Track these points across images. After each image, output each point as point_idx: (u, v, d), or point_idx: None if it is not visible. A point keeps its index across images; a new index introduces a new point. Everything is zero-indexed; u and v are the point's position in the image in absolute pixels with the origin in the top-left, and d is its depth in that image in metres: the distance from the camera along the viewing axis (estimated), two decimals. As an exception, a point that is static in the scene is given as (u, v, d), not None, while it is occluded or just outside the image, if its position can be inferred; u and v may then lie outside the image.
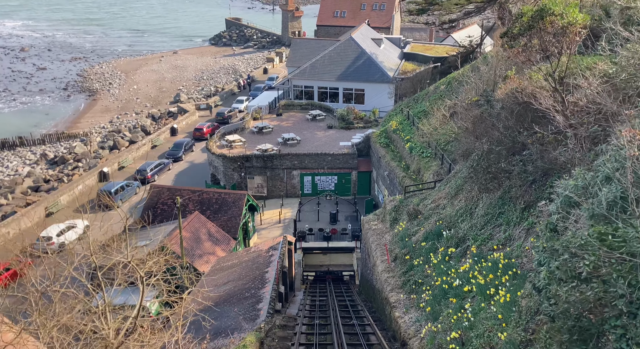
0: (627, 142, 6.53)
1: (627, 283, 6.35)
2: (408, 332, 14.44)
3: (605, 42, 12.30)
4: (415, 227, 20.69)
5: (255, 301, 19.87)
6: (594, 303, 6.54)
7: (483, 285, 12.83)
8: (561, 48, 11.30)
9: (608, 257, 6.68)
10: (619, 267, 6.56)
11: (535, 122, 13.53)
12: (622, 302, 6.27)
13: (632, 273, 6.37)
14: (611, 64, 11.47)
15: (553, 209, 8.99)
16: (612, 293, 6.39)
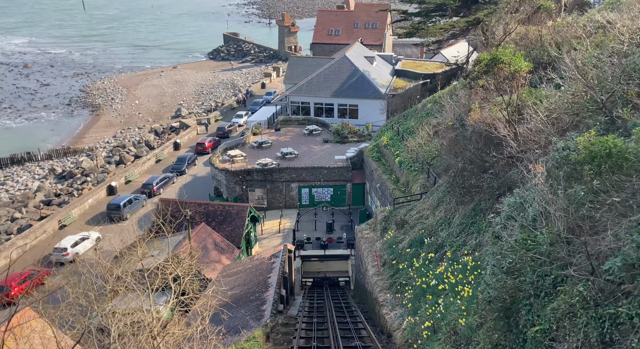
0: (534, 174, 9.10)
1: (535, 274, 8.88)
2: (393, 325, 16.90)
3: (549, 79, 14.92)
4: (402, 235, 23.19)
5: (259, 303, 22.29)
6: (512, 289, 9.06)
7: (454, 284, 15.33)
8: (511, 88, 13.93)
9: (525, 256, 9.22)
10: (532, 263, 9.10)
11: (497, 146, 16.15)
12: (530, 287, 8.80)
13: (539, 268, 8.90)
14: (553, 98, 14.08)
15: (498, 221, 11.54)
16: (524, 281, 8.92)
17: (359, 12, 69.10)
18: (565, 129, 13.44)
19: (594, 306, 7.16)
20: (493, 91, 14.24)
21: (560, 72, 15.96)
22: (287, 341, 17.07)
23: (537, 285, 8.78)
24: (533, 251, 9.14)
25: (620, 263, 6.86)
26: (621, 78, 10.30)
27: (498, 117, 14.45)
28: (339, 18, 69.60)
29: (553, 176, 9.64)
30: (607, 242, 7.40)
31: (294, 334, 18.01)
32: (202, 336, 12.70)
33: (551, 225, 9.01)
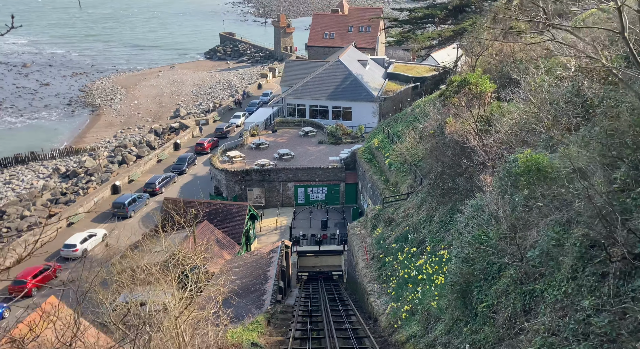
0: (486, 183, 11.42)
1: (485, 262, 11.22)
2: (379, 311, 19.25)
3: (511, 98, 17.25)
4: (389, 232, 25.55)
5: (260, 293, 24.62)
6: (468, 274, 11.39)
7: (430, 274, 17.70)
8: (479, 105, 16.24)
9: (478, 248, 11.56)
10: (483, 254, 11.44)
11: (469, 154, 18.48)
12: (481, 273, 11.14)
13: (488, 257, 11.23)
14: (514, 114, 16.39)
15: (462, 220, 13.88)
16: (476, 268, 11.25)
17: (352, 16, 71.29)
18: (525, 142, 15.79)
19: (520, 284, 9.50)
20: (464, 107, 16.53)
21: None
22: (285, 326, 19.36)
23: (485, 271, 11.13)
24: (484, 245, 11.50)
25: (537, 252, 9.20)
26: (560, 102, 12.62)
27: (468, 130, 16.76)
28: (333, 22, 71.76)
29: (501, 184, 12.01)
30: (532, 237, 9.74)
31: (291, 319, 20.31)
32: (215, 317, 15.01)
33: (498, 224, 11.36)
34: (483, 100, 15.65)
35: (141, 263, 14.26)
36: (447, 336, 11.89)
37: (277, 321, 19.83)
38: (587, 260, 7.88)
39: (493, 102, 16.41)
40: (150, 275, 13.66)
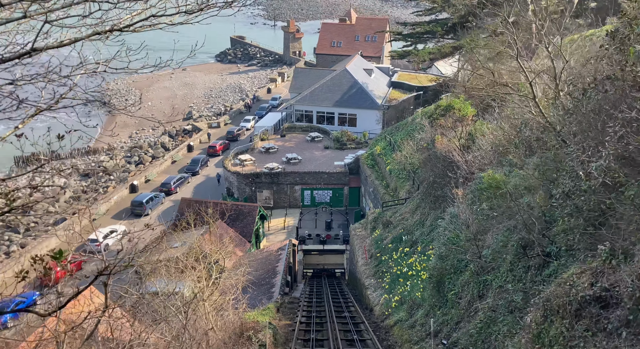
0: (457, 195, 14.24)
1: (455, 259, 14.04)
2: (374, 302, 22.07)
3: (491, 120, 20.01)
4: (387, 233, 28.36)
5: (269, 286, 27.53)
6: (442, 269, 14.21)
7: (419, 270, 20.48)
8: (462, 126, 19.04)
9: (451, 248, 14.37)
10: (454, 252, 14.25)
11: (454, 167, 21.25)
12: (451, 268, 13.95)
13: (458, 255, 14.03)
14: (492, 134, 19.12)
15: (442, 224, 16.71)
16: (448, 264, 14.07)
17: (359, 26, 74.11)
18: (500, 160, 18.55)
19: (477, 276, 12.31)
20: (449, 127, 19.32)
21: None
22: (292, 313, 22.23)
23: (455, 266, 13.94)
24: (455, 245, 14.32)
25: (490, 251, 12.01)
26: (522, 129, 15.39)
27: (453, 147, 19.55)
28: (341, 31, 74.62)
29: (472, 197, 14.85)
30: (488, 239, 12.55)
31: (297, 308, 23.18)
32: (234, 303, 17.91)
33: (467, 229, 14.17)
34: (465, 122, 18.39)
35: (168, 255, 17.16)
36: (425, 319, 14.70)
37: (285, 310, 22.71)
38: (520, 257, 10.68)
39: (474, 124, 19.15)
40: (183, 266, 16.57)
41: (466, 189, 15.81)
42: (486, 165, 18.08)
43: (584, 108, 8.07)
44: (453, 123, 19.06)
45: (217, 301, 16.81)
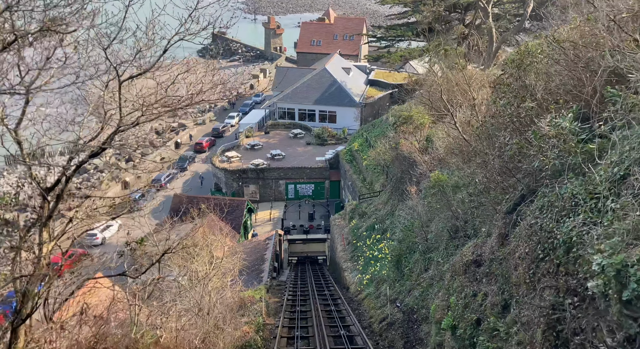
0: (411, 192, 17.88)
1: (409, 242, 17.70)
2: (350, 281, 25.74)
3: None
4: (362, 223, 32.02)
5: (259, 271, 31.02)
6: (399, 250, 17.85)
7: (387, 253, 24.12)
8: (420, 132, 22.68)
9: (407, 234, 18.02)
10: (409, 237, 17.90)
11: (416, 166, 24.91)
12: (406, 249, 17.61)
13: (411, 239, 17.67)
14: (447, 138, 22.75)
15: (402, 214, 20.37)
16: (404, 247, 17.72)
17: (338, 25, 77.22)
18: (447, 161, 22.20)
19: (424, 254, 15.99)
20: (411, 133, 22.92)
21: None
22: (280, 293, 25.78)
23: (409, 247, 17.62)
24: (410, 231, 17.99)
25: (433, 235, 15.67)
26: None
27: (414, 149, 23.18)
28: (320, 30, 77.67)
29: (424, 192, 18.51)
30: (433, 226, 16.22)
31: (284, 289, 26.74)
32: (231, 284, 21.33)
33: (419, 218, 17.84)
34: (422, 129, 21.96)
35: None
36: (388, 291, 18.39)
37: (274, 290, 26.25)
38: (451, 239, 14.35)
39: (430, 129, 22.76)
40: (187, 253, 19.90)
41: (420, 186, 19.47)
42: (439, 164, 21.75)
43: (483, 132, 11.66)
44: (414, 129, 22.65)
45: (217, 282, 20.21)
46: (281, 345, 15.14)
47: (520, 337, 7.30)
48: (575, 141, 7.68)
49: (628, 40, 7.62)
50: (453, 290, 10.37)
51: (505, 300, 8.17)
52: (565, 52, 9.11)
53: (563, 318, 6.23)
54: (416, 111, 22.01)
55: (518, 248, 7.82)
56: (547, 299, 6.55)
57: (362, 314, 18.81)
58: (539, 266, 7.05)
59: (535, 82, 10.13)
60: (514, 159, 9.26)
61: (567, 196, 6.92)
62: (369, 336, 15.17)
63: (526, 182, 8.91)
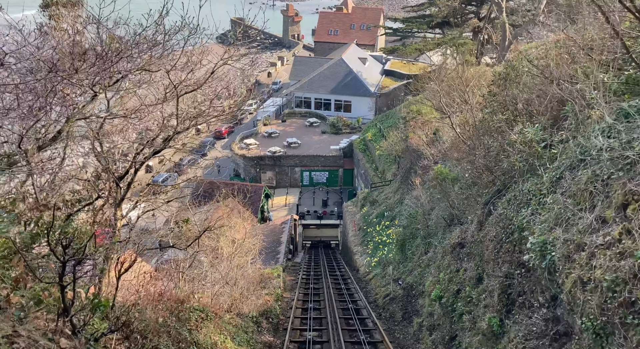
0: (416, 183, 19.79)
1: (412, 229, 19.67)
2: (360, 264, 27.87)
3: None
4: (373, 210, 34.01)
5: (275, 253, 33.33)
6: (404, 235, 19.85)
7: (394, 239, 26.14)
8: (428, 126, 24.46)
9: (411, 221, 19.99)
10: (413, 224, 19.88)
11: (423, 157, 26.72)
12: (410, 234, 19.60)
13: (415, 225, 19.64)
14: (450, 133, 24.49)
15: (407, 203, 22.30)
16: (408, 232, 19.71)
17: (355, 15, 78.20)
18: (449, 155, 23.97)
19: (425, 239, 17.97)
20: (420, 127, 24.71)
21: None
22: (295, 272, 28.06)
23: (412, 233, 19.60)
24: (414, 218, 19.95)
25: (433, 222, 17.63)
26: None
27: (422, 142, 24.98)
28: (337, 19, 78.78)
29: (428, 183, 20.41)
30: (433, 214, 18.16)
31: (299, 269, 29.02)
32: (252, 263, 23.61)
33: (422, 207, 19.78)
34: (430, 124, 23.71)
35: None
36: (393, 272, 20.46)
37: (290, 270, 28.53)
38: (448, 226, 16.28)
39: (438, 123, 24.50)
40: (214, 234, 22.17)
41: (425, 177, 21.36)
42: (443, 158, 23.54)
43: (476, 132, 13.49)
44: (422, 124, 24.40)
45: (240, 260, 22.49)
46: (297, 314, 17.35)
47: (486, 302, 9.31)
48: (541, 147, 9.55)
49: (580, 69, 9.42)
50: (442, 267, 12.36)
51: (479, 274, 10.15)
52: (537, 70, 10.91)
53: (512, 284, 8.22)
54: (424, 107, 23.71)
55: (489, 233, 9.78)
56: (503, 271, 8.53)
57: (369, 292, 20.92)
58: (502, 246, 9.01)
59: (518, 94, 11.94)
60: (494, 160, 11.17)
61: (525, 192, 8.85)
62: (373, 308, 17.29)
63: (502, 180, 10.81)
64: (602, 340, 5.23)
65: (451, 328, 10.57)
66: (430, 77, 29.04)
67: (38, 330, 4.16)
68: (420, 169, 24.37)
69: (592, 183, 6.59)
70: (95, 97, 8.48)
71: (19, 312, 4.10)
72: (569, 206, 6.85)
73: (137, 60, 8.53)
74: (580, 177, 6.93)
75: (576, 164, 7.43)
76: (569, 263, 6.14)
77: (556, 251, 6.54)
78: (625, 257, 5.14)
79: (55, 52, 7.40)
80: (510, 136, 9.84)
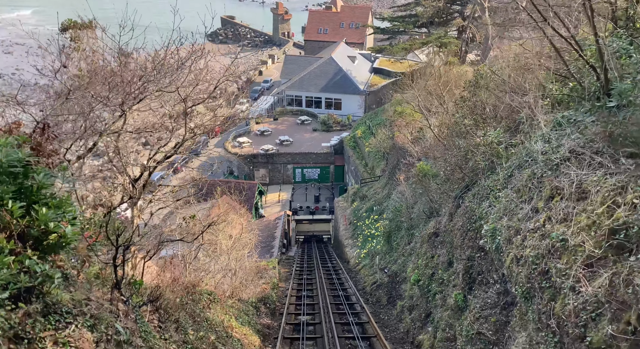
0: (400, 179, 21.34)
1: (397, 221, 21.24)
2: (350, 256, 29.43)
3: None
4: (362, 205, 35.57)
5: (270, 247, 34.80)
6: (389, 227, 21.40)
7: (382, 232, 27.73)
8: (412, 126, 26.01)
9: (396, 214, 21.56)
10: (397, 216, 21.45)
11: (408, 155, 28.27)
12: (395, 227, 21.16)
13: (399, 218, 21.21)
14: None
15: (394, 198, 23.88)
16: (394, 224, 21.27)
17: (344, 13, 79.51)
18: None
19: (408, 230, 19.53)
20: (405, 126, 26.23)
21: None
22: (289, 265, 29.56)
23: (397, 225, 21.15)
24: (399, 212, 21.51)
25: (415, 215, 19.19)
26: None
27: (406, 140, 26.52)
28: (327, 18, 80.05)
29: (412, 179, 21.96)
30: (416, 208, 19.72)
31: (293, 262, 30.53)
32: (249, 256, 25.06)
33: (406, 202, 21.33)
34: (413, 123, 25.23)
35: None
36: (380, 261, 22.02)
37: (284, 263, 30.03)
38: (428, 218, 17.84)
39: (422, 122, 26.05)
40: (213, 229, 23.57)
41: (409, 173, 22.91)
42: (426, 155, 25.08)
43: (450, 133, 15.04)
44: (407, 123, 25.93)
45: (237, 254, 23.93)
46: (291, 300, 18.86)
47: (454, 282, 10.87)
48: (502, 148, 11.10)
49: (534, 80, 10.96)
50: (420, 255, 13.91)
51: (450, 258, 11.70)
52: (499, 80, 12.46)
53: (473, 265, 9.79)
54: (407, 109, 25.25)
55: (457, 223, 11.34)
56: (466, 254, 10.09)
57: (358, 281, 22.49)
58: (467, 234, 10.56)
59: (485, 99, 13.50)
60: (464, 159, 12.72)
61: (485, 187, 10.40)
62: (361, 295, 18.83)
63: (470, 176, 12.36)
64: (528, 302, 6.74)
65: (427, 306, 12.12)
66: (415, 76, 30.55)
67: (101, 298, 5.58)
68: (405, 166, 25.92)
69: (530, 180, 8.13)
70: (122, 115, 9.86)
71: (87, 284, 5.52)
72: (514, 199, 8.40)
73: (156, 83, 9.93)
74: (523, 176, 8.47)
75: (522, 164, 8.97)
76: (509, 245, 7.66)
77: (502, 235, 8.08)
78: (545, 238, 6.66)
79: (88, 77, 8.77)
80: (475, 138, 11.37)
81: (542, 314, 6.28)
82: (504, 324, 8.20)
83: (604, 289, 5.25)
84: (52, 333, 4.44)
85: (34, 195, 4.92)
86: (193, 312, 9.17)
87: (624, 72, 8.53)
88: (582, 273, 5.68)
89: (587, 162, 6.86)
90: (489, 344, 8.31)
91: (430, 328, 11.50)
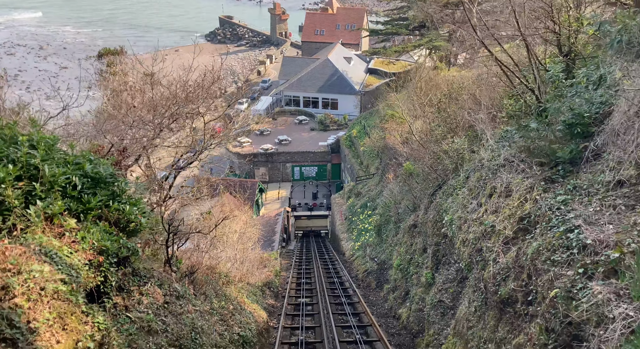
0: (389, 177, 23.67)
1: (385, 215, 23.60)
2: (346, 248, 31.80)
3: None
4: (357, 201, 37.93)
5: (270, 242, 37.16)
6: (379, 221, 23.75)
7: (375, 226, 30.10)
8: (401, 128, 28.33)
9: (385, 209, 23.92)
10: (386, 211, 23.81)
11: (398, 155, 30.60)
12: (384, 221, 23.52)
13: (388, 213, 23.56)
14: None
15: (385, 194, 26.23)
16: (383, 219, 23.62)
17: (340, 15, 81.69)
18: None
19: (396, 224, 21.87)
20: (395, 128, 28.53)
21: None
22: (289, 257, 31.93)
23: (386, 219, 23.50)
24: (388, 207, 23.87)
25: (401, 210, 21.55)
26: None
27: (397, 141, 28.83)
28: (323, 20, 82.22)
29: (400, 178, 24.32)
30: (403, 204, 22.07)
31: (292, 255, 32.90)
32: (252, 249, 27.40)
33: (394, 198, 23.68)
34: (403, 125, 27.52)
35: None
36: (371, 252, 24.39)
37: (284, 256, 32.40)
38: (412, 212, 20.18)
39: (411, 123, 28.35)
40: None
41: (398, 172, 25.25)
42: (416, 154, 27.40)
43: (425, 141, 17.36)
44: (397, 125, 28.21)
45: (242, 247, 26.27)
46: (292, 286, 21.23)
47: (427, 264, 13.24)
48: (468, 153, 13.42)
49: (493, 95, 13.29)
50: (402, 243, 16.26)
51: (424, 246, 14.05)
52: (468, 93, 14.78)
53: (439, 249, 12.15)
54: (396, 112, 27.59)
55: (430, 216, 13.70)
56: (434, 241, 12.45)
57: (352, 269, 24.86)
58: (436, 224, 12.92)
59: (456, 111, 15.82)
60: (437, 162, 15.07)
61: (450, 186, 12.76)
62: (354, 281, 21.20)
63: (442, 177, 14.71)
64: (469, 273, 9.05)
65: (406, 285, 14.45)
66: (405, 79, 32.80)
67: (157, 269, 7.90)
68: (394, 166, 28.25)
69: (479, 181, 10.46)
70: (161, 132, 12.15)
71: (147, 259, 7.85)
72: (467, 196, 10.74)
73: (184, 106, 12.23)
74: (475, 177, 10.80)
75: (475, 168, 11.31)
76: (459, 231, 9.98)
77: (455, 224, 10.42)
78: (481, 225, 8.97)
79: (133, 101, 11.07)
80: (443, 145, 13.71)
81: (476, 280, 8.61)
82: (459, 293, 10.56)
83: (512, 259, 7.60)
84: (137, 287, 6.78)
85: (119, 196, 7.24)
86: (215, 287, 11.49)
87: (557, 93, 10.89)
88: (500, 249, 8.03)
89: (515, 168, 9.21)
90: (447, 309, 10.67)
91: (408, 303, 13.87)
